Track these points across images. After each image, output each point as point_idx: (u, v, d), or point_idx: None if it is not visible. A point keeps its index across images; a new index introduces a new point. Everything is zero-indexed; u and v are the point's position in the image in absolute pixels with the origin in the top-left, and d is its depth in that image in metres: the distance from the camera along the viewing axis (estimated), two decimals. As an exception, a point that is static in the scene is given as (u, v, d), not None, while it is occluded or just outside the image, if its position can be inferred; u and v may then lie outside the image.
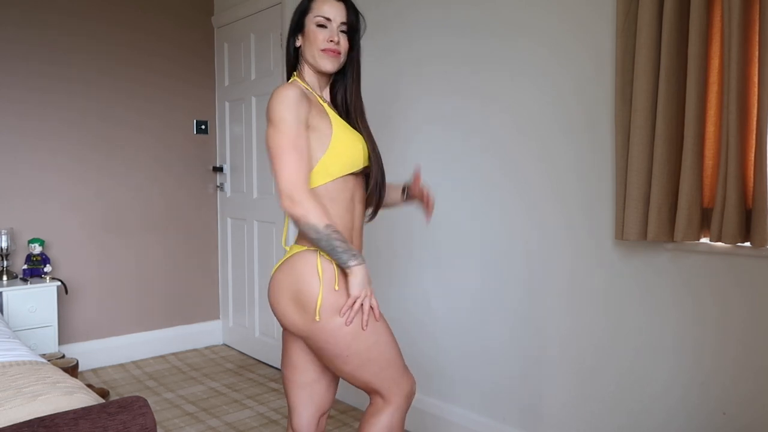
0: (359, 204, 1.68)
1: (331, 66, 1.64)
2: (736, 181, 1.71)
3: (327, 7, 1.64)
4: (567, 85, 2.21)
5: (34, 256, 3.37)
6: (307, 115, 1.54)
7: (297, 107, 1.52)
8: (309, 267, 1.57)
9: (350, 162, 1.60)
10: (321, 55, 1.63)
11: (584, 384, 2.21)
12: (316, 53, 1.63)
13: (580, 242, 2.20)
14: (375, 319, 1.59)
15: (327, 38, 1.62)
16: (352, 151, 1.60)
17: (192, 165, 4.12)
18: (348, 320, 1.54)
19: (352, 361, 1.58)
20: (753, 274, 1.78)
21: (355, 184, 1.65)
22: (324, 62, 1.63)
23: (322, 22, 1.63)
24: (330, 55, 1.63)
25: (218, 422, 2.93)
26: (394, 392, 1.64)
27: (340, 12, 1.65)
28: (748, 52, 1.72)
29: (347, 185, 1.62)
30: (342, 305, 1.55)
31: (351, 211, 1.64)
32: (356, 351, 1.57)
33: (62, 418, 1.34)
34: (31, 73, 3.49)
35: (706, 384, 1.89)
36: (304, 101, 1.54)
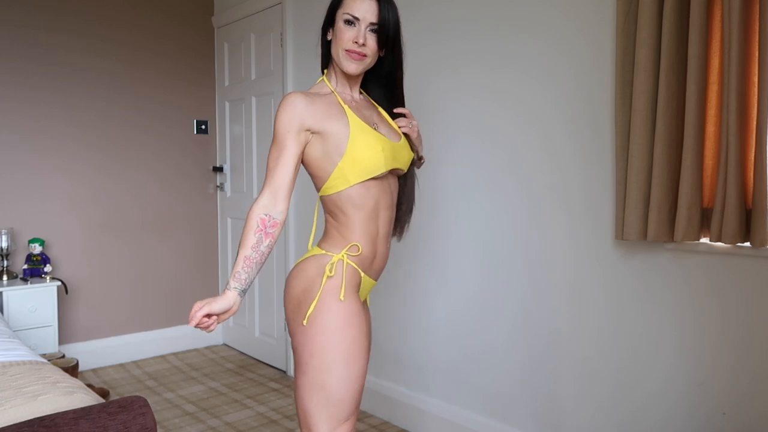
0: (386, 210, 1.59)
1: (354, 68, 1.55)
2: (736, 181, 1.71)
3: (357, 4, 1.53)
4: (567, 85, 2.21)
5: (34, 256, 3.37)
6: (312, 121, 1.49)
7: (291, 114, 1.48)
8: (317, 271, 1.53)
9: (368, 168, 1.50)
10: (344, 56, 1.54)
11: (584, 383, 2.21)
12: (340, 53, 1.55)
13: (580, 242, 2.20)
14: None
15: (352, 38, 1.52)
16: (370, 155, 1.50)
17: (192, 165, 4.13)
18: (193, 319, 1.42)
19: (308, 375, 1.50)
20: (753, 274, 1.78)
21: (381, 190, 1.56)
22: (347, 63, 1.55)
23: (349, 19, 1.53)
24: (354, 57, 1.54)
25: (218, 422, 2.93)
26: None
27: (371, 10, 1.53)
28: (748, 52, 1.72)
29: (369, 191, 1.54)
30: (335, 316, 1.49)
31: (375, 218, 1.57)
32: (317, 366, 1.48)
33: (62, 417, 1.34)
34: (30, 73, 3.49)
35: (706, 384, 1.89)
36: (306, 108, 1.49)
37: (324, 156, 1.52)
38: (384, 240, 1.62)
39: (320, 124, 1.50)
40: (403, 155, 1.61)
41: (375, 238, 1.58)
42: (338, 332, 1.50)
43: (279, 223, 1.48)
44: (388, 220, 1.61)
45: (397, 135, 1.64)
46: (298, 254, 3.53)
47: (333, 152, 1.50)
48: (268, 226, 1.46)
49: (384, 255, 1.64)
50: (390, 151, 1.54)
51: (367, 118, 1.58)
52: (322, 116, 1.50)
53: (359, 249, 1.55)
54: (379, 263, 1.63)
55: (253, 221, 1.45)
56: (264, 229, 1.46)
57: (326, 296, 1.51)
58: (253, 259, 1.45)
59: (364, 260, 1.58)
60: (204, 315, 1.39)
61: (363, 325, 1.56)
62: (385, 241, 1.62)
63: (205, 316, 1.40)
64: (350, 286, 1.55)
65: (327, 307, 1.50)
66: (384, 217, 1.59)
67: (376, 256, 1.61)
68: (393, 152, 1.55)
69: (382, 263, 1.65)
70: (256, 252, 1.45)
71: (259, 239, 1.45)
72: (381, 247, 1.61)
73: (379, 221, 1.58)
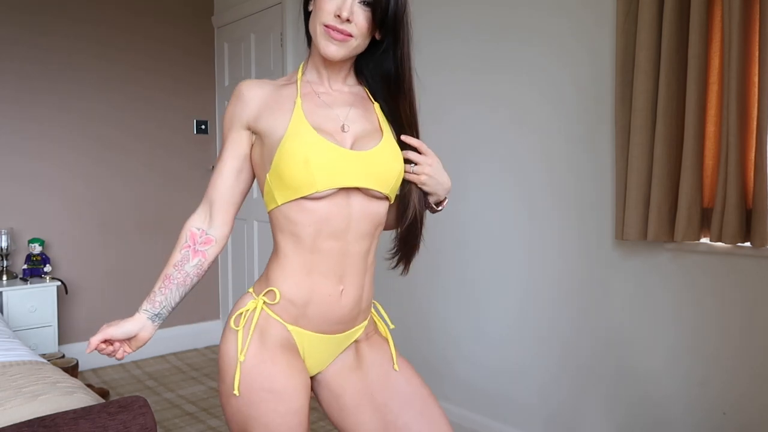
0: (343, 241, 1.18)
1: (333, 51, 1.16)
2: (736, 181, 1.71)
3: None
4: (567, 85, 2.21)
5: (34, 255, 3.37)
6: (252, 116, 1.20)
7: (233, 108, 1.22)
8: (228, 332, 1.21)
9: (291, 185, 1.13)
10: (322, 33, 1.16)
11: (582, 383, 2.21)
12: (318, 28, 1.16)
13: (580, 242, 2.20)
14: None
15: (334, 10, 1.14)
16: (291, 168, 1.11)
17: (192, 165, 4.12)
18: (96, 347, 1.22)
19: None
20: (753, 274, 1.78)
21: (332, 214, 1.16)
22: (324, 43, 1.16)
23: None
24: (334, 36, 1.15)
25: (218, 422, 2.93)
26: None
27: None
28: (748, 52, 1.72)
29: (307, 215, 1.15)
30: (237, 383, 1.16)
31: (322, 252, 1.17)
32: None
33: (62, 417, 1.34)
34: (30, 74, 3.49)
35: (706, 384, 1.89)
36: (252, 100, 1.20)
37: (261, 163, 1.21)
38: (356, 282, 1.22)
39: (260, 121, 1.19)
40: (380, 170, 1.17)
41: (336, 280, 1.19)
42: (243, 408, 1.16)
43: (214, 241, 1.24)
44: (354, 254, 1.20)
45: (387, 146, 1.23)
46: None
47: (266, 159, 1.18)
48: (199, 242, 1.23)
49: (352, 300, 1.23)
50: (340, 164, 1.13)
51: (331, 117, 1.19)
52: (266, 111, 1.19)
53: (276, 295, 1.19)
54: (340, 312, 1.22)
55: (182, 235, 1.24)
56: (193, 246, 1.22)
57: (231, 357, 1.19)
58: (174, 279, 1.21)
59: (301, 308, 1.20)
60: (102, 340, 1.19)
61: (292, 397, 1.16)
62: (359, 283, 1.23)
63: (104, 342, 1.20)
64: (270, 342, 1.18)
65: (226, 371, 1.19)
66: (340, 250, 1.19)
67: (332, 302, 1.20)
68: (348, 165, 1.14)
69: (350, 311, 1.23)
70: (178, 271, 1.21)
71: (185, 256, 1.22)
72: (350, 289, 1.21)
73: (333, 255, 1.18)
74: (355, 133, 1.20)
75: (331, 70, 1.24)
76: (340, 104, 1.23)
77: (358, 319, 1.27)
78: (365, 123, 1.22)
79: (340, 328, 1.25)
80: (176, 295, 1.22)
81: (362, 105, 1.25)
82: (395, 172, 1.20)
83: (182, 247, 1.23)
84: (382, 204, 1.22)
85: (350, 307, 1.23)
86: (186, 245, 1.23)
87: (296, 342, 1.22)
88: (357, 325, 1.28)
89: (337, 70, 1.24)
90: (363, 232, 1.20)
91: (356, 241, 1.20)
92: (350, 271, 1.21)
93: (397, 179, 1.21)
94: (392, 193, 1.22)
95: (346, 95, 1.25)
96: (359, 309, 1.26)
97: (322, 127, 1.16)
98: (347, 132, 1.19)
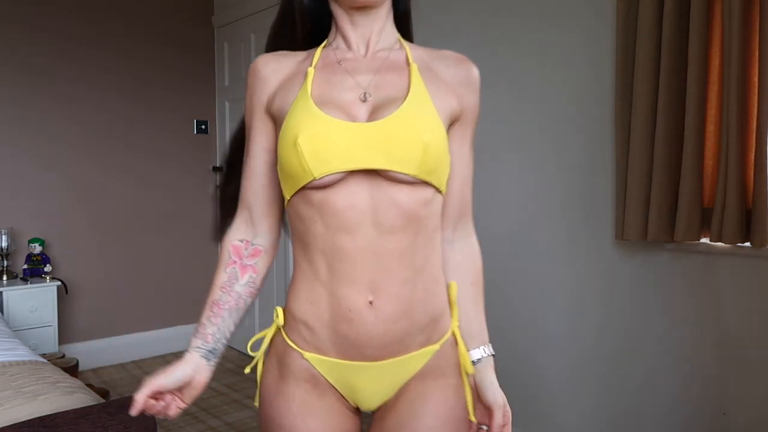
0: (383, 237, 0.92)
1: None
2: (736, 181, 1.71)
3: None
4: (567, 85, 2.21)
5: (34, 255, 3.37)
6: (269, 98, 1.01)
7: (250, 92, 1.03)
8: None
9: (290, 172, 0.93)
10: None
11: (581, 383, 2.21)
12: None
13: (581, 242, 2.20)
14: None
15: None
16: (290, 152, 0.91)
17: (192, 165, 4.12)
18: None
19: None
20: (753, 274, 1.78)
21: (347, 203, 0.92)
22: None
23: None
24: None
25: (218, 422, 2.93)
26: None
27: None
28: (748, 52, 1.72)
29: (317, 210, 0.93)
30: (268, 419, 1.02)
31: (340, 253, 0.92)
32: None
33: (62, 417, 1.34)
34: (30, 75, 3.49)
35: (706, 384, 1.89)
36: (268, 78, 1.01)
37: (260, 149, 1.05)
38: (391, 288, 0.93)
39: (273, 104, 1.00)
40: (397, 143, 0.90)
41: (346, 287, 0.93)
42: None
43: (262, 251, 1.05)
44: (388, 254, 0.93)
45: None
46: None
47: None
48: (246, 255, 1.04)
49: (391, 315, 0.93)
50: (342, 142, 0.90)
51: (348, 86, 0.97)
52: (281, 90, 1.00)
53: (280, 315, 1.01)
54: (373, 330, 0.93)
55: (223, 252, 1.05)
56: (239, 261, 1.04)
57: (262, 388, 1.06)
58: (224, 304, 1.02)
59: (317, 330, 0.96)
60: (149, 395, 0.95)
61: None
62: (394, 290, 0.93)
63: (153, 397, 0.96)
64: (288, 373, 0.99)
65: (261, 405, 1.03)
66: (363, 247, 0.92)
67: (356, 319, 0.93)
68: (355, 142, 0.90)
69: (389, 330, 0.93)
70: (227, 294, 1.02)
71: (232, 275, 1.03)
72: (380, 301, 0.93)
73: (354, 255, 0.92)
74: (377, 101, 0.95)
75: (360, 27, 1.01)
76: (366, 70, 0.99)
77: (412, 342, 0.96)
78: (391, 89, 0.97)
79: (380, 353, 0.95)
80: (230, 323, 1.03)
81: (395, 68, 1.00)
82: (419, 144, 0.90)
83: (227, 265, 1.03)
84: (413, 191, 0.93)
85: (389, 324, 0.93)
86: (231, 262, 1.03)
87: (321, 372, 0.98)
88: (415, 350, 0.97)
89: (367, 26, 1.01)
90: (391, 225, 0.92)
91: (386, 237, 0.92)
92: (385, 277, 0.92)
93: (425, 154, 0.91)
94: (426, 174, 0.92)
95: (376, 60, 1.01)
96: (408, 328, 0.95)
97: (331, 100, 0.95)
98: (368, 101, 0.95)
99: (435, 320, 0.99)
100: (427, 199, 0.95)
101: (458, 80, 1.04)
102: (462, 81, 1.05)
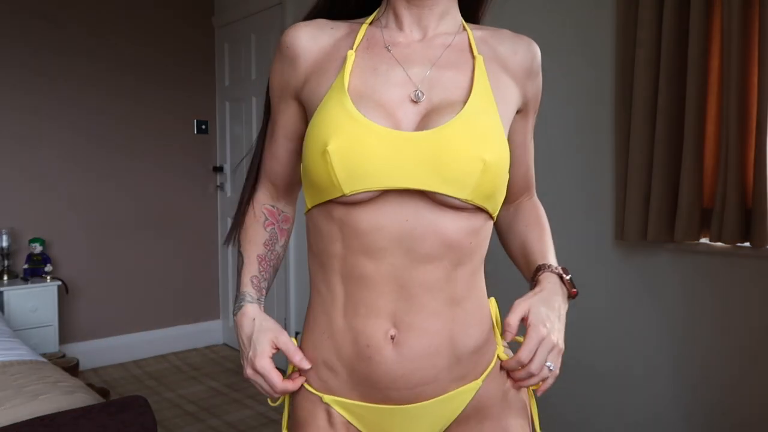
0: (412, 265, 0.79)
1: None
2: (736, 181, 1.71)
3: None
4: (567, 85, 2.21)
5: (34, 255, 3.37)
6: (298, 79, 0.86)
7: (277, 66, 0.89)
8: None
9: (317, 182, 0.79)
10: None
11: (582, 383, 2.21)
12: None
13: (581, 242, 2.20)
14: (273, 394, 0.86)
15: None
16: (317, 161, 0.78)
17: (192, 165, 4.13)
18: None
19: None
20: (753, 274, 1.78)
21: (376, 224, 0.78)
22: None
23: None
24: None
25: (218, 422, 2.93)
26: None
27: None
28: (748, 52, 1.72)
29: (340, 229, 0.80)
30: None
31: (361, 279, 0.80)
32: None
33: (62, 417, 1.34)
34: (31, 73, 3.49)
35: (706, 384, 1.89)
36: (301, 55, 0.85)
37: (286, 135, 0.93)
38: (419, 322, 0.80)
39: (304, 89, 0.86)
40: (448, 160, 0.76)
41: (365, 318, 0.80)
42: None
43: (291, 219, 0.98)
44: (418, 284, 0.80)
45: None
46: (299, 254, 3.50)
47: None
48: (280, 220, 0.96)
49: (419, 351, 0.80)
50: (383, 154, 0.76)
51: (396, 80, 0.82)
52: (315, 73, 0.85)
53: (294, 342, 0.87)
54: (398, 369, 0.80)
55: (256, 212, 0.94)
56: (277, 223, 0.95)
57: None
58: (270, 261, 0.92)
59: (334, 369, 0.84)
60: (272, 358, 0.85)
61: None
62: (423, 324, 0.80)
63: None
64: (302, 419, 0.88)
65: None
66: (388, 275, 0.79)
67: (375, 355, 0.80)
68: (397, 155, 0.76)
69: (417, 368, 0.81)
70: (271, 252, 0.93)
71: (273, 235, 0.94)
72: (405, 335, 0.80)
73: (377, 283, 0.80)
74: (431, 103, 0.80)
75: (416, 7, 0.84)
76: (420, 60, 0.83)
77: (449, 378, 0.82)
78: (450, 88, 0.81)
79: (408, 395, 0.81)
80: (271, 281, 0.94)
81: (455, 61, 0.84)
82: (477, 163, 0.75)
83: (265, 225, 0.94)
84: (460, 217, 0.79)
85: (416, 362, 0.80)
86: (269, 223, 0.94)
87: (344, 416, 0.85)
88: (453, 389, 0.83)
89: (426, 5, 0.84)
90: (426, 254, 0.78)
91: (417, 266, 0.79)
92: (412, 309, 0.79)
93: (484, 176, 0.76)
94: (481, 199, 0.78)
95: (434, 47, 0.85)
96: (442, 365, 0.81)
97: (374, 96, 0.79)
98: (420, 102, 0.80)
99: (478, 352, 0.84)
100: (476, 228, 0.81)
101: (524, 68, 0.89)
102: (527, 69, 0.89)
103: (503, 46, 0.89)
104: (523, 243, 0.99)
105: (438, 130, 0.76)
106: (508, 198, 0.97)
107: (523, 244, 0.99)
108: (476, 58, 0.84)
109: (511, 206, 1.02)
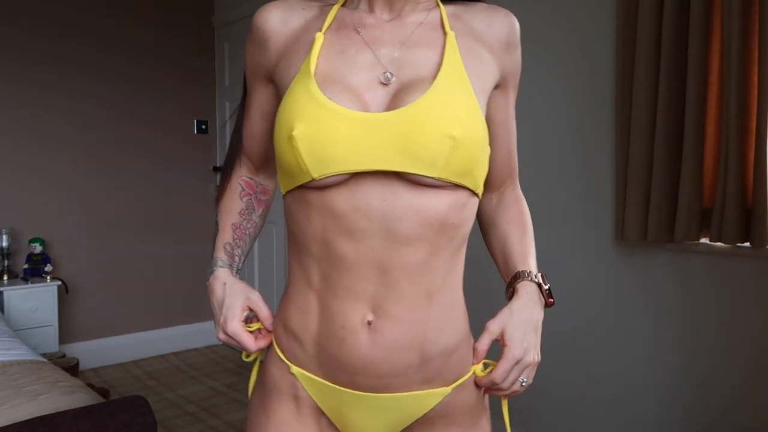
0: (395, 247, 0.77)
1: None
2: (736, 181, 1.71)
3: None
4: (566, 85, 2.21)
5: (34, 255, 3.37)
6: (276, 61, 0.85)
7: (250, 51, 0.90)
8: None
9: (286, 167, 0.79)
10: None
11: (582, 383, 2.21)
12: None
13: (581, 242, 2.20)
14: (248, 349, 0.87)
15: None
16: (284, 146, 0.77)
17: (192, 165, 4.13)
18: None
19: None
20: (753, 274, 1.78)
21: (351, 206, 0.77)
22: None
23: None
24: None
25: (219, 422, 2.93)
26: None
27: None
28: (748, 52, 1.72)
29: (313, 211, 0.79)
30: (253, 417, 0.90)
31: (339, 261, 0.78)
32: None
33: (62, 417, 1.34)
34: (30, 75, 3.49)
35: (706, 384, 1.89)
36: (269, 38, 0.85)
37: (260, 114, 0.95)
38: (398, 308, 0.79)
39: (276, 71, 0.86)
40: (418, 138, 0.74)
41: (342, 301, 0.79)
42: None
43: (270, 192, 0.99)
44: (399, 268, 0.78)
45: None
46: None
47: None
48: (258, 191, 0.97)
49: (394, 339, 0.79)
50: (350, 136, 0.75)
51: (365, 62, 0.81)
52: (285, 54, 0.85)
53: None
54: (369, 354, 0.79)
55: (232, 184, 0.96)
56: (254, 194, 0.96)
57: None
58: (245, 229, 0.95)
59: (305, 344, 0.83)
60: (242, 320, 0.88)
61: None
62: (402, 311, 0.79)
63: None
64: (270, 383, 0.87)
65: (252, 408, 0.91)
66: (367, 257, 0.78)
67: (349, 339, 0.79)
68: (365, 137, 0.75)
69: (390, 357, 0.79)
70: (247, 221, 0.95)
71: (249, 205, 0.96)
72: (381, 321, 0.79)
73: (355, 265, 0.78)
74: (401, 83, 0.79)
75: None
76: (390, 40, 0.82)
77: (416, 377, 0.81)
78: (420, 66, 0.80)
79: (374, 384, 0.80)
80: (246, 250, 0.96)
81: (426, 38, 0.83)
82: (445, 140, 0.73)
83: (241, 195, 0.95)
84: (441, 195, 0.77)
85: (389, 352, 0.79)
86: (245, 193, 0.95)
87: (309, 392, 0.85)
88: (418, 389, 0.82)
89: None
90: (406, 235, 0.77)
91: (398, 249, 0.77)
92: (392, 296, 0.78)
93: (454, 153, 0.74)
94: (457, 176, 0.76)
95: (405, 26, 0.83)
96: (412, 361, 0.80)
97: (341, 80, 0.79)
98: (390, 84, 0.79)
99: (448, 353, 0.82)
100: (458, 205, 0.79)
101: (500, 41, 0.87)
102: (504, 42, 0.88)
103: (477, 19, 0.87)
104: (503, 241, 0.97)
105: (405, 109, 0.75)
106: (491, 184, 0.97)
107: (504, 242, 0.97)
108: (447, 34, 0.82)
109: (493, 195, 1.00)
